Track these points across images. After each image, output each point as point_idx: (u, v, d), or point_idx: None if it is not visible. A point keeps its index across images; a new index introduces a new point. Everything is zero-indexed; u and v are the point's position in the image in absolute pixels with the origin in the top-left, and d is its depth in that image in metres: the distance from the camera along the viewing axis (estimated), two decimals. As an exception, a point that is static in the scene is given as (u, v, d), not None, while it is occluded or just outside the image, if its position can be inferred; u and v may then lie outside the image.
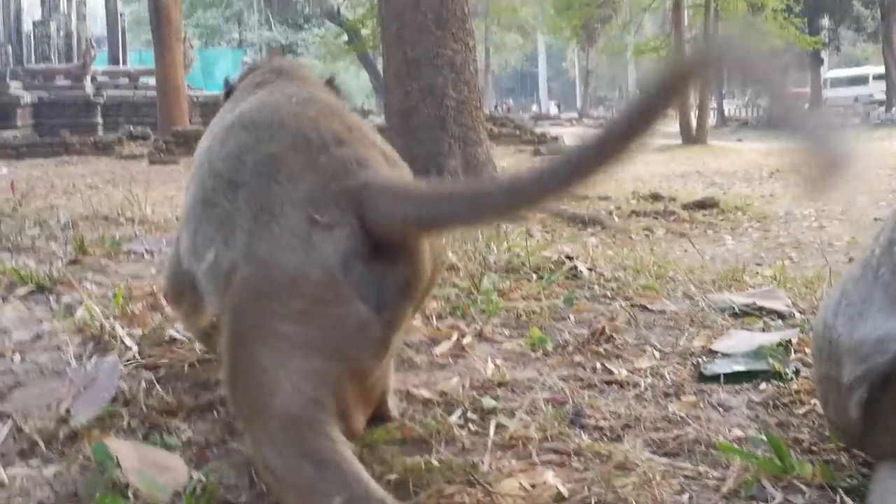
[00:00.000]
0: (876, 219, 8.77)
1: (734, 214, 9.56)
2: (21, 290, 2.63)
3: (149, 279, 2.85)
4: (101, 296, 2.61)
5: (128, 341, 2.18)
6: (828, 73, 45.87)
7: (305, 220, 1.34)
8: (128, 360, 2.11)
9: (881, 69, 42.45)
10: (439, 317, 2.63)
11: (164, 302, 2.33)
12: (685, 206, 9.89)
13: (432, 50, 8.67)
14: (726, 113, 44.04)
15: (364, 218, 1.35)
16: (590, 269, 3.38)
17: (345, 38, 43.45)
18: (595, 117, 53.30)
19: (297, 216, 1.35)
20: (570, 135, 28.38)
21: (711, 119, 33.35)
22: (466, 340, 2.38)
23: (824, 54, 46.59)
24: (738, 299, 2.97)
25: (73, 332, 2.23)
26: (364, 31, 33.39)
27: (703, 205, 10.07)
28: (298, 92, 1.76)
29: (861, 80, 46.25)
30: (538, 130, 24.48)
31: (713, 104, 36.65)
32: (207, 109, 25.93)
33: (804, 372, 2.20)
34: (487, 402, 1.98)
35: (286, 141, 1.47)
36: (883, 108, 37.37)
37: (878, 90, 43.72)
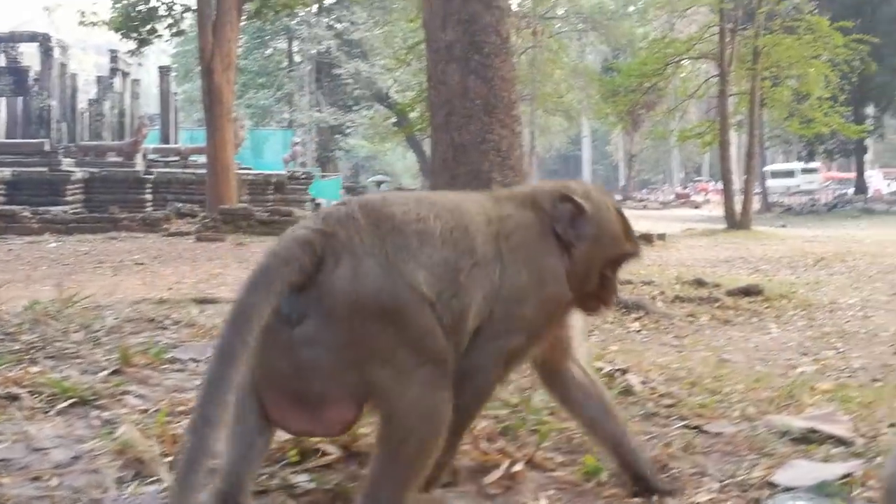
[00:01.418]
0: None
1: (779, 302, 9.39)
2: (62, 404, 2.57)
3: (192, 392, 2.71)
4: (143, 410, 2.54)
5: (164, 472, 2.06)
6: (766, 167, 50.12)
7: None
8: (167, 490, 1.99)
9: (812, 165, 52.37)
10: (489, 438, 2.53)
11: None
12: (730, 293, 9.73)
13: (479, 135, 8.68)
14: (770, 199, 43.94)
15: None
16: (643, 383, 3.29)
17: (393, 120, 44.02)
18: (639, 199, 53.39)
19: None
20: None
21: (756, 204, 33.16)
22: (517, 468, 2.29)
23: (868, 142, 46.82)
24: (798, 423, 2.87)
25: (113, 453, 2.16)
26: (413, 115, 33.68)
27: (747, 291, 9.89)
28: (458, 195, 2.19)
29: (790, 174, 54.31)
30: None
31: (758, 189, 36.51)
32: (256, 188, 26.28)
33: (870, 509, 2.10)
34: (540, 543, 1.89)
35: None
36: (807, 198, 45.44)
37: (804, 181, 52.31)
